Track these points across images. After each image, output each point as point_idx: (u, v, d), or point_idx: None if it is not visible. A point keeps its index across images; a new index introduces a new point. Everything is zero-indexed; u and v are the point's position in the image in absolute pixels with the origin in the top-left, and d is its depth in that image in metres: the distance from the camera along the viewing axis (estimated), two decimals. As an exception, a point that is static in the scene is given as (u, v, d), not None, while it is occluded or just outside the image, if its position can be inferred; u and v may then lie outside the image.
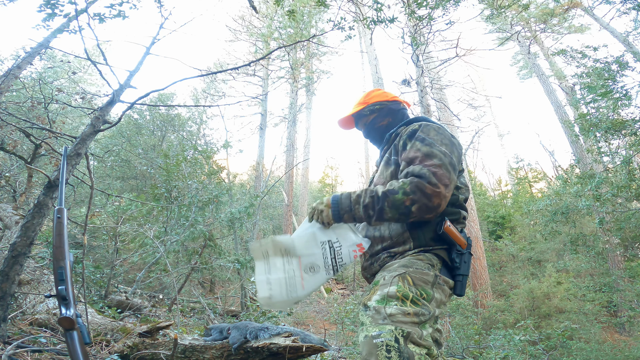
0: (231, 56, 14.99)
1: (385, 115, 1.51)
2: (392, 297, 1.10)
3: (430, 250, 1.23)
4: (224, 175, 7.85)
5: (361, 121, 1.56)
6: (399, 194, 1.14)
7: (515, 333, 4.65)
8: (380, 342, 1.01)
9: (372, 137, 1.56)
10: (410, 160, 1.22)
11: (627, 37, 7.54)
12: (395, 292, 1.11)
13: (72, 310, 1.03)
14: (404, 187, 1.14)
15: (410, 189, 1.13)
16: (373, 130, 1.54)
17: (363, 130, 1.58)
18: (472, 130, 13.35)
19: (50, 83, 6.60)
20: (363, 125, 1.56)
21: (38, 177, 5.45)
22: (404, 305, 1.08)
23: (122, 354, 1.75)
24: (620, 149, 6.59)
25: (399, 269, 1.18)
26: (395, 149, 1.36)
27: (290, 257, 1.23)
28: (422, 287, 1.15)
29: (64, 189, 1.32)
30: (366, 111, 1.53)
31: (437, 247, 1.24)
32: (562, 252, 10.07)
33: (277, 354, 1.64)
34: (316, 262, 1.25)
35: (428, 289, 1.15)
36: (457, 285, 1.24)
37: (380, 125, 1.52)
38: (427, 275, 1.17)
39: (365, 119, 1.55)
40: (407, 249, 1.24)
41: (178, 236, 5.19)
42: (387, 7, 4.47)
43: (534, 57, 12.43)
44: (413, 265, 1.19)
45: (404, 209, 1.13)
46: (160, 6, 2.83)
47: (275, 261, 1.23)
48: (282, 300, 1.22)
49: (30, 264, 2.78)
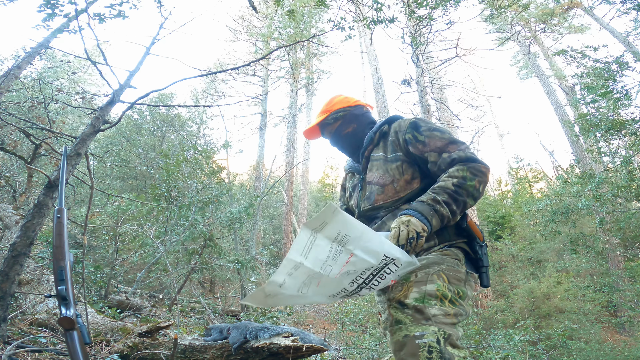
0: (231, 56, 15.02)
1: (349, 122, 1.48)
2: (431, 296, 1.08)
3: (454, 245, 1.23)
4: (224, 175, 7.86)
5: (326, 130, 1.52)
6: (468, 180, 1.15)
7: (515, 333, 4.65)
8: (423, 342, 1.00)
9: (339, 145, 1.51)
10: (439, 149, 1.24)
11: (627, 37, 7.54)
12: (435, 291, 1.09)
13: (72, 310, 1.03)
14: (465, 173, 1.16)
15: (473, 173, 1.16)
16: (340, 138, 1.49)
17: (330, 138, 1.53)
18: (472, 130, 13.32)
19: (50, 83, 6.60)
20: (329, 134, 1.52)
21: (38, 177, 5.45)
22: (444, 305, 1.07)
23: (122, 354, 1.75)
24: (620, 149, 6.59)
25: (432, 266, 1.15)
26: (392, 146, 1.34)
27: (342, 246, 0.96)
28: (457, 285, 1.14)
29: (64, 189, 1.32)
30: (330, 119, 1.48)
31: (459, 240, 1.24)
32: (562, 252, 10.06)
33: (277, 354, 1.64)
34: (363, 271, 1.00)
35: (462, 287, 1.15)
36: (482, 277, 1.24)
37: (347, 133, 1.48)
38: (460, 272, 1.17)
39: (330, 127, 1.50)
40: (432, 245, 1.22)
41: (178, 236, 5.20)
42: (387, 7, 4.47)
43: (534, 57, 12.43)
44: (444, 262, 1.17)
45: (476, 192, 1.16)
46: (160, 6, 2.83)
47: (322, 243, 0.95)
48: (286, 295, 0.99)
49: (30, 264, 2.78)
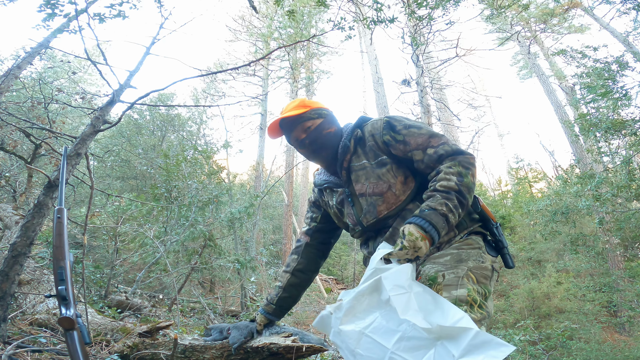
0: (231, 56, 15.02)
1: (331, 123, 1.39)
2: (462, 302, 1.06)
3: (473, 231, 1.22)
4: (224, 175, 7.85)
5: (301, 126, 1.34)
6: (463, 176, 1.13)
7: (515, 333, 4.66)
8: None
9: (317, 146, 1.35)
10: (422, 145, 1.22)
11: (627, 37, 7.53)
12: (466, 297, 1.07)
13: (72, 310, 1.03)
14: (458, 168, 1.14)
15: (465, 166, 1.14)
16: (320, 138, 1.34)
17: (305, 136, 1.35)
18: (472, 130, 13.35)
19: (50, 83, 6.60)
20: (304, 131, 1.34)
21: (38, 177, 5.45)
22: (473, 312, 1.06)
23: (122, 354, 1.75)
24: (620, 149, 6.59)
25: (460, 265, 1.12)
26: (374, 150, 1.30)
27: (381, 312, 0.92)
28: (484, 284, 1.12)
29: (64, 189, 1.32)
30: (313, 114, 1.35)
31: (476, 225, 1.23)
32: (562, 252, 10.06)
33: (277, 354, 1.64)
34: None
35: (488, 285, 1.14)
36: (505, 258, 1.23)
37: (328, 132, 1.36)
38: (486, 269, 1.15)
39: (310, 122, 1.35)
40: (452, 237, 1.20)
41: (178, 236, 5.20)
42: (387, 7, 4.48)
43: (534, 57, 12.43)
44: (469, 257, 1.14)
45: (473, 185, 1.15)
46: (160, 6, 2.83)
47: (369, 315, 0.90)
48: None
49: (30, 264, 2.78)
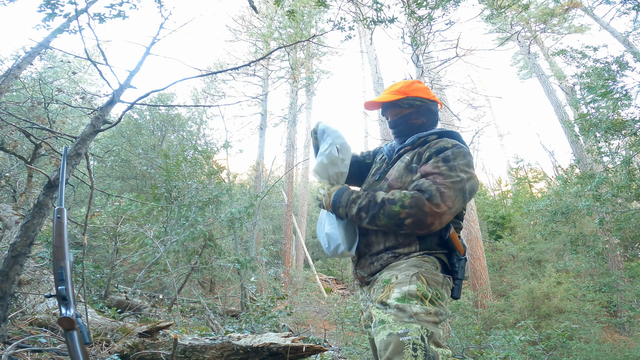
0: (231, 56, 15.01)
1: (422, 114, 1.41)
2: (412, 296, 1.11)
3: (434, 254, 1.25)
4: (224, 175, 7.85)
5: (393, 110, 1.43)
6: (397, 205, 1.14)
7: (515, 333, 4.65)
8: (408, 340, 1.01)
9: (399, 129, 1.43)
10: (426, 174, 1.20)
11: (627, 37, 7.52)
12: (416, 291, 1.11)
13: (72, 310, 1.03)
14: (403, 199, 1.15)
15: (409, 203, 1.13)
16: (403, 124, 1.42)
17: (392, 119, 1.45)
18: (472, 130, 13.31)
19: (50, 83, 6.59)
20: (394, 115, 1.44)
21: (38, 177, 5.45)
22: (425, 305, 1.10)
23: (122, 354, 1.75)
24: (620, 149, 6.58)
25: (411, 268, 1.18)
26: (419, 157, 1.32)
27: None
28: (435, 287, 1.16)
29: (64, 189, 1.32)
30: (404, 104, 1.40)
31: (439, 251, 1.26)
32: (562, 252, 10.07)
33: (277, 353, 1.64)
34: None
35: (440, 289, 1.18)
36: (454, 288, 1.27)
37: (414, 123, 1.41)
38: (437, 276, 1.19)
39: (398, 110, 1.42)
40: (412, 251, 1.24)
41: (178, 236, 5.19)
42: (387, 7, 4.47)
43: (534, 57, 12.42)
44: (422, 266, 1.19)
45: (398, 220, 1.14)
46: (160, 6, 2.83)
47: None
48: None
49: (30, 264, 2.78)
